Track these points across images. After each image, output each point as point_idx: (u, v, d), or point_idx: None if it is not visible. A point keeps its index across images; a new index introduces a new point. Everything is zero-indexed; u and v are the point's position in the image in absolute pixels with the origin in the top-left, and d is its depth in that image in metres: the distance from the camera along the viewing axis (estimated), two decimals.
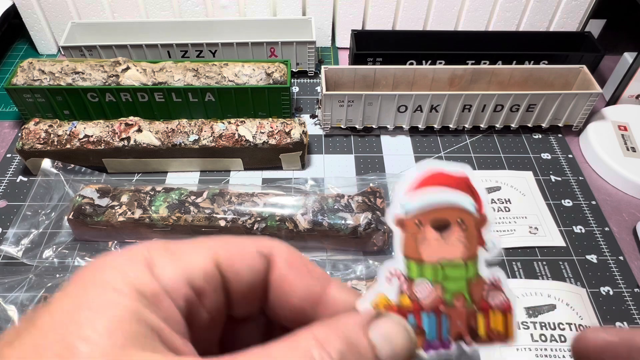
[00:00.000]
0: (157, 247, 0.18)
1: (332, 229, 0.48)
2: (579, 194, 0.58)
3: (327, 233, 0.49)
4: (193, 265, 0.17)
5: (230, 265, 0.18)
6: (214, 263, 0.18)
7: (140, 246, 0.17)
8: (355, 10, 0.72)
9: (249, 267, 0.19)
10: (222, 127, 0.56)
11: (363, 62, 0.66)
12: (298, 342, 0.16)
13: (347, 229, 0.48)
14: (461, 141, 0.64)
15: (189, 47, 0.67)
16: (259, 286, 0.19)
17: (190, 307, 0.17)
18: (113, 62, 0.60)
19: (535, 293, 0.48)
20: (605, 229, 0.54)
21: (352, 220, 0.48)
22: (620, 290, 0.49)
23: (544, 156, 0.62)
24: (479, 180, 0.20)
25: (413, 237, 0.19)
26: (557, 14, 0.73)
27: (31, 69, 0.59)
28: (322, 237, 0.49)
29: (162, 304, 0.16)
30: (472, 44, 0.70)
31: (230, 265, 0.18)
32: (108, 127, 0.56)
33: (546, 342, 0.44)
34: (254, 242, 0.19)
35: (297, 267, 0.20)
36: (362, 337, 0.17)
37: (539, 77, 0.64)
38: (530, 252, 0.52)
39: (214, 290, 0.18)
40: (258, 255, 0.19)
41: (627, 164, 0.58)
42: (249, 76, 0.60)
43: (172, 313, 0.16)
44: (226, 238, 0.19)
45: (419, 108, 0.61)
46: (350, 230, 0.48)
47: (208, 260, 0.18)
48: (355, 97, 0.59)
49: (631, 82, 0.65)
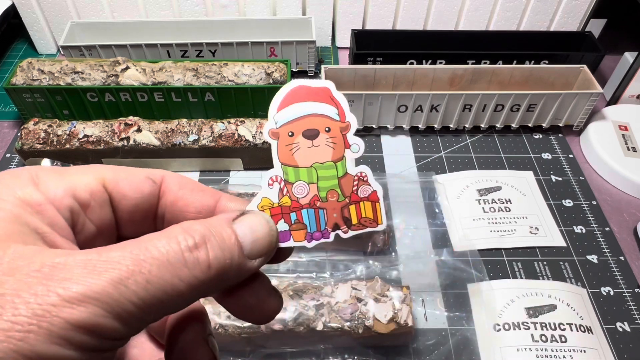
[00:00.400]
0: (44, 167, 0.19)
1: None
2: (580, 194, 0.58)
3: None
4: (78, 181, 0.19)
5: (116, 185, 0.20)
6: (100, 182, 0.20)
7: (27, 167, 0.19)
8: (355, 10, 0.72)
9: (136, 188, 0.20)
10: (222, 127, 0.56)
11: (363, 61, 0.66)
12: (166, 231, 0.17)
13: None
14: (461, 141, 0.64)
15: (189, 47, 0.67)
16: (147, 208, 0.21)
17: (75, 217, 0.19)
18: (112, 62, 0.60)
19: (536, 293, 0.48)
20: (606, 229, 0.54)
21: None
22: (620, 290, 0.49)
23: (544, 156, 0.62)
24: (340, 92, 0.22)
25: (288, 147, 0.22)
26: (558, 14, 0.72)
27: (30, 69, 0.59)
28: None
29: (46, 212, 0.18)
30: (472, 43, 0.70)
31: (116, 185, 0.20)
32: (107, 127, 0.55)
33: (546, 342, 0.44)
34: (144, 170, 0.21)
35: (189, 187, 0.21)
36: (226, 227, 0.18)
37: (539, 77, 0.64)
38: (531, 252, 0.52)
39: (100, 205, 0.20)
40: (146, 179, 0.21)
41: (627, 164, 0.58)
42: (249, 76, 0.60)
43: (57, 220, 0.18)
44: (117, 166, 0.21)
45: (419, 108, 0.61)
46: None
47: (93, 179, 0.20)
48: (355, 97, 0.59)
49: (632, 82, 0.65)
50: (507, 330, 0.45)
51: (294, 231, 0.22)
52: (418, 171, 0.60)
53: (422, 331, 0.45)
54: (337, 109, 0.22)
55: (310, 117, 0.22)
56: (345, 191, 0.22)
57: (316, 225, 0.22)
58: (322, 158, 0.22)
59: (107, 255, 0.16)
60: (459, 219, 0.54)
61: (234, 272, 0.18)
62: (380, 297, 0.42)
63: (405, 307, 0.42)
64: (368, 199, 0.22)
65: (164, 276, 0.16)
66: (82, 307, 0.15)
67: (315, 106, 0.22)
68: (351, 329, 0.41)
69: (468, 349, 0.45)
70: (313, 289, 0.43)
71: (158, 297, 0.16)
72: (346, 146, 0.22)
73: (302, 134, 0.22)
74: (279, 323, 0.41)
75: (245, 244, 0.19)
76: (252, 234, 0.19)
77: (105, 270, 0.15)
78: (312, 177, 0.22)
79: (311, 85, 0.22)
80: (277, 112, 0.22)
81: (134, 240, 0.17)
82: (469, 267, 0.50)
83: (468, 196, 0.57)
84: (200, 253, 0.17)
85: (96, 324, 0.15)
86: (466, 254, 0.51)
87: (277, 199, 0.22)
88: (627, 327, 0.46)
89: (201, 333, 0.22)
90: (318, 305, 0.42)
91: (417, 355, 0.44)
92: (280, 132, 0.22)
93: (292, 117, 0.22)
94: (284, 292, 0.42)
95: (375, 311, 0.41)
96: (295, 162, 0.22)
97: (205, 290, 0.18)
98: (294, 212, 0.22)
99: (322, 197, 0.22)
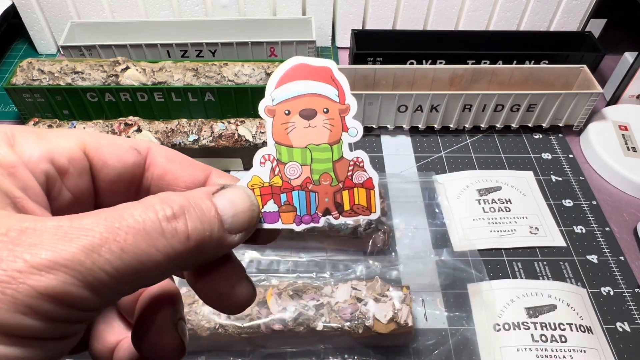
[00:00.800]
0: (23, 128, 0.18)
1: (332, 229, 0.48)
2: (580, 194, 0.58)
3: (327, 233, 0.49)
4: (57, 145, 0.18)
5: (97, 152, 0.19)
6: (81, 148, 0.19)
7: (2, 125, 0.18)
8: (355, 10, 0.72)
9: (118, 157, 0.20)
10: (222, 127, 0.56)
11: (363, 61, 0.66)
12: (143, 201, 0.17)
13: (347, 229, 0.48)
14: (461, 141, 0.64)
15: (189, 47, 0.67)
16: (130, 179, 0.20)
17: (51, 182, 0.18)
18: (112, 62, 0.60)
19: (536, 293, 0.48)
20: (606, 229, 0.54)
21: (352, 221, 0.48)
22: (620, 290, 0.49)
23: (544, 156, 0.62)
24: (341, 73, 0.22)
25: (283, 125, 0.21)
26: (558, 14, 0.72)
27: (30, 69, 0.59)
28: (322, 237, 0.49)
29: (19, 174, 0.17)
30: (472, 43, 0.70)
31: (97, 153, 0.19)
32: (107, 127, 0.55)
33: (547, 342, 0.44)
34: (129, 139, 0.20)
35: (179, 161, 0.21)
36: (206, 199, 0.18)
37: (539, 77, 0.64)
38: (531, 252, 0.52)
39: (78, 173, 0.19)
40: (130, 149, 0.20)
41: (627, 164, 0.58)
42: (249, 76, 0.60)
43: (31, 184, 0.17)
44: (100, 133, 0.20)
45: (419, 108, 0.61)
46: (350, 230, 0.48)
47: (74, 144, 0.19)
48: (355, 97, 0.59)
49: (632, 82, 0.65)
50: (507, 330, 0.45)
51: (283, 213, 0.21)
52: (418, 171, 0.60)
53: (422, 331, 0.45)
54: (337, 90, 0.22)
55: (308, 96, 0.21)
56: (340, 175, 0.21)
57: (306, 208, 0.21)
58: (318, 140, 0.21)
59: (80, 222, 0.15)
60: (459, 219, 0.54)
61: (214, 245, 0.18)
62: (380, 297, 0.42)
63: (405, 307, 0.42)
64: (363, 186, 0.22)
65: (140, 245, 0.15)
66: (51, 275, 0.14)
67: (315, 85, 0.21)
68: (351, 329, 0.41)
69: (468, 349, 0.45)
70: (313, 289, 0.43)
71: (133, 266, 0.15)
72: (344, 129, 0.22)
73: (299, 113, 0.21)
74: (279, 323, 0.41)
75: (226, 217, 0.18)
76: (233, 208, 0.18)
77: (77, 237, 0.15)
78: (305, 158, 0.21)
79: (312, 64, 0.21)
80: (274, 88, 0.21)
81: (109, 209, 0.16)
82: (469, 267, 0.50)
83: (468, 196, 0.57)
84: (178, 224, 0.16)
85: (66, 292, 0.14)
86: (466, 254, 0.51)
87: (268, 178, 0.21)
88: (627, 327, 0.46)
89: (171, 317, 0.21)
90: (318, 305, 0.42)
91: (417, 355, 0.44)
92: (276, 110, 0.21)
93: (290, 95, 0.21)
94: (284, 292, 0.42)
95: (375, 311, 0.41)
96: (290, 142, 0.21)
97: (182, 263, 0.17)
98: (285, 194, 0.21)
99: (315, 180, 0.21)
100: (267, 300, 0.42)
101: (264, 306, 0.41)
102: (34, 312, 0.14)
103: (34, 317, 0.14)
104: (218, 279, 0.20)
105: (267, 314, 0.41)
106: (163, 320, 0.21)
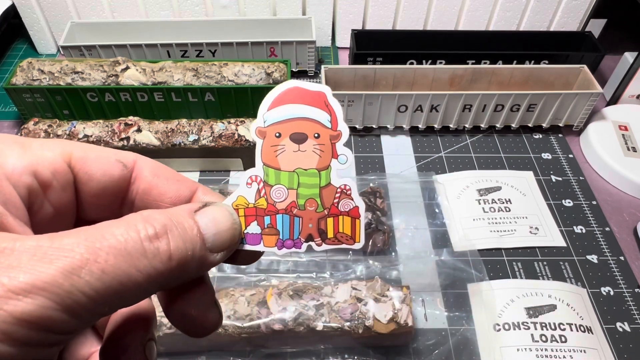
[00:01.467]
0: (7, 138, 0.18)
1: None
2: (580, 194, 0.58)
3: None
4: (41, 158, 0.18)
5: (82, 165, 0.19)
6: (66, 161, 0.18)
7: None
8: (355, 10, 0.72)
9: (104, 170, 0.19)
10: (222, 127, 0.56)
11: (363, 61, 0.66)
12: (125, 219, 0.16)
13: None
14: (461, 141, 0.64)
15: (189, 47, 0.67)
16: (115, 192, 0.20)
17: (33, 196, 0.18)
18: (112, 62, 0.60)
19: (536, 293, 0.48)
20: (606, 229, 0.54)
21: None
22: (620, 290, 0.49)
23: (544, 156, 0.62)
24: (336, 99, 0.21)
25: (273, 147, 0.21)
26: (558, 14, 0.72)
27: (30, 69, 0.59)
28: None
29: (1, 188, 0.16)
30: (472, 43, 0.70)
31: (82, 165, 0.19)
32: (107, 127, 0.55)
33: (546, 342, 0.44)
34: (116, 152, 0.20)
35: (165, 176, 0.21)
36: (188, 218, 0.18)
37: (539, 77, 0.64)
38: (531, 252, 0.52)
39: (62, 186, 0.18)
40: (116, 162, 0.20)
41: (627, 164, 0.58)
42: (249, 76, 0.60)
43: (12, 198, 0.17)
44: (86, 144, 0.20)
45: (419, 108, 0.61)
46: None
47: (59, 156, 0.18)
48: (355, 97, 0.59)
49: (632, 82, 0.65)
50: (507, 330, 0.45)
51: (266, 235, 0.21)
52: (418, 171, 0.60)
53: (422, 331, 0.45)
54: (330, 116, 0.21)
55: (300, 120, 0.21)
56: (325, 202, 0.21)
57: (289, 233, 0.21)
58: (307, 164, 0.21)
59: (60, 242, 0.15)
60: (459, 219, 0.54)
61: (195, 264, 0.17)
62: (380, 297, 0.42)
63: (405, 307, 0.42)
64: (348, 214, 0.21)
65: (121, 266, 0.15)
66: (28, 299, 0.13)
67: (307, 110, 0.21)
68: (351, 329, 0.41)
69: (468, 349, 0.45)
70: (313, 289, 0.43)
71: (113, 288, 0.15)
72: (334, 156, 0.21)
73: (289, 136, 0.21)
74: (279, 323, 0.41)
75: (207, 235, 0.18)
76: (215, 226, 0.18)
77: (57, 258, 0.14)
78: (292, 182, 0.21)
79: (307, 88, 0.21)
80: (267, 110, 0.21)
81: (90, 227, 0.16)
82: (469, 267, 0.50)
83: (468, 196, 0.57)
84: (160, 243, 0.16)
85: (43, 317, 0.14)
86: (466, 254, 0.51)
87: (253, 200, 0.21)
88: (627, 327, 0.46)
89: (141, 338, 0.20)
90: (318, 305, 0.42)
91: (417, 355, 0.44)
92: (267, 131, 0.21)
93: (281, 118, 0.21)
94: (284, 292, 0.42)
95: (375, 311, 0.41)
96: (278, 165, 0.21)
97: (163, 283, 0.17)
98: (269, 216, 0.21)
99: (300, 205, 0.21)
100: (267, 300, 0.42)
101: (264, 306, 0.41)
102: (9, 339, 0.13)
103: (9, 344, 0.13)
104: (190, 301, 0.19)
105: (267, 314, 0.41)
106: (132, 341, 0.20)
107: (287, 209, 0.21)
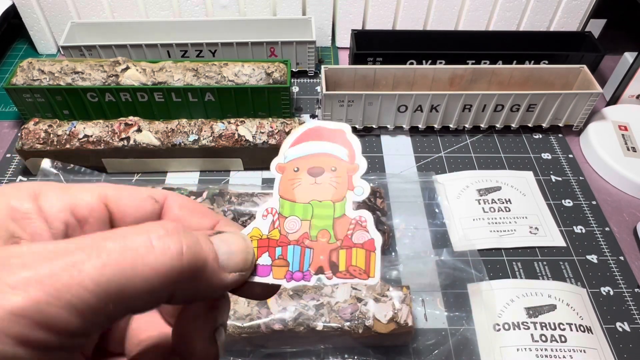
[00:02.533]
0: (49, 183, 0.19)
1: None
2: (580, 194, 0.58)
3: None
4: (79, 198, 0.19)
5: (117, 204, 0.20)
6: (102, 200, 0.19)
7: (34, 182, 0.19)
8: (355, 10, 0.72)
9: (137, 206, 0.20)
10: (222, 127, 0.56)
11: (363, 62, 0.66)
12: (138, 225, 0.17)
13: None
14: (461, 141, 0.64)
15: (189, 47, 0.67)
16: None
17: (71, 232, 0.18)
18: (112, 62, 0.60)
19: (536, 293, 0.48)
20: (606, 229, 0.54)
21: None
22: (620, 290, 0.49)
23: (544, 156, 0.62)
24: (355, 135, 0.22)
25: (290, 181, 0.22)
26: (558, 14, 0.73)
27: (31, 69, 0.59)
28: None
29: (32, 222, 0.17)
30: (472, 43, 0.70)
31: (117, 202, 0.20)
32: (107, 127, 0.55)
33: (546, 342, 0.44)
34: (148, 189, 0.21)
35: (190, 209, 0.21)
36: (202, 235, 0.18)
37: (539, 77, 0.64)
38: (531, 252, 0.52)
39: (98, 223, 0.19)
40: (148, 198, 0.20)
41: (627, 164, 0.58)
42: (249, 76, 0.60)
43: (42, 231, 0.17)
44: (119, 185, 0.21)
45: (419, 108, 0.61)
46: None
47: (95, 196, 0.19)
48: (355, 97, 0.59)
49: (631, 82, 0.65)
50: (507, 330, 0.45)
51: (275, 267, 0.20)
52: (418, 171, 0.60)
53: (422, 331, 0.45)
54: (348, 151, 0.22)
55: (319, 155, 0.22)
56: (339, 233, 0.21)
57: (300, 264, 0.20)
58: (322, 196, 0.21)
59: (66, 243, 0.15)
60: (458, 219, 0.54)
61: (207, 277, 0.17)
62: (380, 297, 0.42)
63: (405, 307, 0.42)
64: (362, 247, 0.21)
65: (126, 259, 0.15)
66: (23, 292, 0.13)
67: (326, 146, 0.22)
68: (351, 328, 0.41)
69: (468, 349, 0.45)
70: (313, 289, 0.43)
71: (117, 282, 0.14)
72: (349, 188, 0.21)
73: (307, 170, 0.22)
74: (279, 323, 0.41)
75: (221, 253, 0.18)
76: (228, 247, 0.19)
77: (60, 255, 0.14)
78: (307, 213, 0.21)
79: (327, 127, 0.22)
80: (289, 148, 0.22)
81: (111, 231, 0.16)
82: (469, 267, 0.50)
83: (468, 196, 0.57)
84: (171, 240, 0.16)
85: (40, 312, 0.13)
86: (466, 254, 0.51)
87: (267, 231, 0.21)
88: (627, 327, 0.46)
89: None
90: (318, 305, 0.42)
91: (417, 355, 0.44)
92: (286, 167, 0.22)
93: (301, 154, 0.22)
94: (284, 292, 0.42)
95: (375, 311, 0.41)
96: (294, 197, 0.21)
97: (173, 285, 0.16)
98: (280, 247, 0.21)
99: (312, 236, 0.21)
100: (267, 300, 0.42)
101: (264, 306, 0.41)
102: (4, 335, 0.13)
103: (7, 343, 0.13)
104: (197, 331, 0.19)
105: (267, 314, 0.41)
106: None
107: (299, 239, 0.21)
